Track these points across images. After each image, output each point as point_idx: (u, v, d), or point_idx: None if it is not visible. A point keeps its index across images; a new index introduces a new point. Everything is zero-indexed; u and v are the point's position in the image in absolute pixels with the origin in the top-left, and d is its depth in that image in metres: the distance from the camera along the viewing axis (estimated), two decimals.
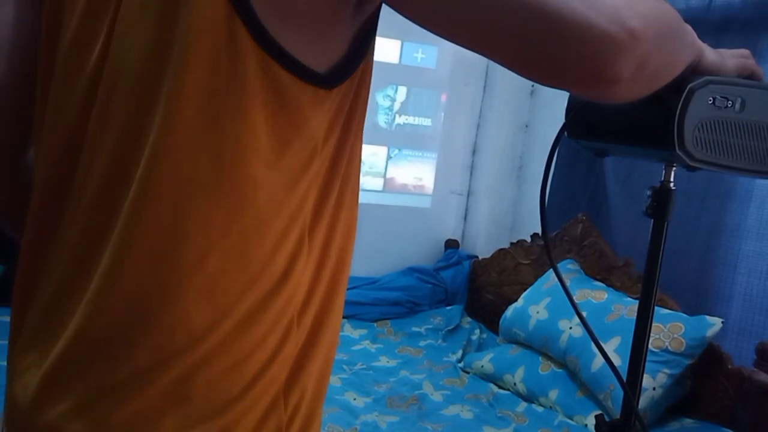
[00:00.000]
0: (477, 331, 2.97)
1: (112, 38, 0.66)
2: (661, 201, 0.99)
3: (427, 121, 3.43)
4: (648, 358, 1.09)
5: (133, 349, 0.63)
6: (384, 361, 2.65)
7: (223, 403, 0.65)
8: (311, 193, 0.67)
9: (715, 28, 2.35)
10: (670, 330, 2.15)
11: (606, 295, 2.42)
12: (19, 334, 0.74)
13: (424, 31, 0.65)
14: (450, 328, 2.97)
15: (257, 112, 0.61)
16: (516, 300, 2.71)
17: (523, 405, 2.38)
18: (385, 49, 3.19)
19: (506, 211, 3.39)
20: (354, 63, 0.66)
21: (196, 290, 0.62)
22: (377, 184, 3.34)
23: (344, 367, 2.53)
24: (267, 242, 0.64)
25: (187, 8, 0.60)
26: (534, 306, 2.58)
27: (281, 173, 0.63)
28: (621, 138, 0.97)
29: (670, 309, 2.26)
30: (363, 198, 1.02)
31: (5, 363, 0.82)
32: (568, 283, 1.02)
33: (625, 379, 1.05)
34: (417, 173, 3.44)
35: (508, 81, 3.29)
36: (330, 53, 0.63)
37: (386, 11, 0.66)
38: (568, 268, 2.65)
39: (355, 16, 0.64)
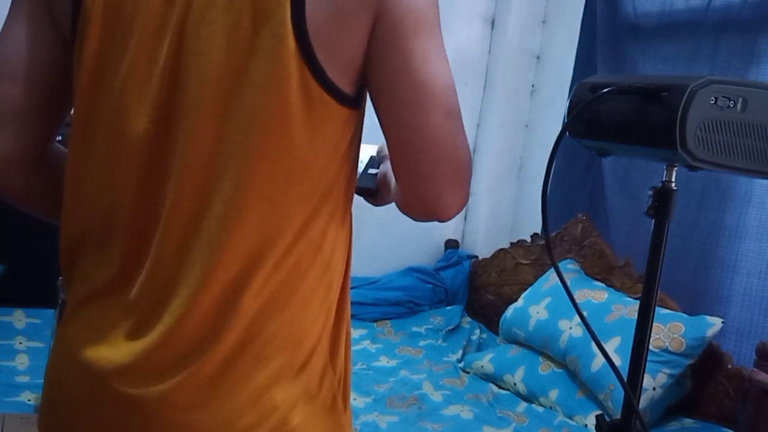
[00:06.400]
0: (477, 331, 2.97)
1: (179, 68, 0.80)
2: (662, 201, 0.99)
3: None
4: (648, 358, 1.09)
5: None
6: (384, 361, 2.65)
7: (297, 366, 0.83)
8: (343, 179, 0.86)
9: (714, 28, 2.35)
10: (670, 330, 2.15)
11: (606, 295, 2.42)
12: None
13: None
14: (450, 328, 2.96)
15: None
16: (516, 300, 2.71)
17: (523, 405, 2.38)
18: None
19: (506, 211, 3.38)
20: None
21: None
22: None
23: None
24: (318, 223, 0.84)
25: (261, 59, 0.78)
26: (534, 306, 2.58)
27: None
28: (623, 138, 0.97)
29: (670, 309, 2.26)
30: None
31: (4, 363, 0.83)
32: (568, 283, 1.02)
33: (625, 379, 1.05)
34: None
35: (508, 81, 3.30)
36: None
37: None
38: (568, 268, 2.65)
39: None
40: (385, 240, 3.19)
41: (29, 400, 1.96)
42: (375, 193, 1.01)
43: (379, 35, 0.79)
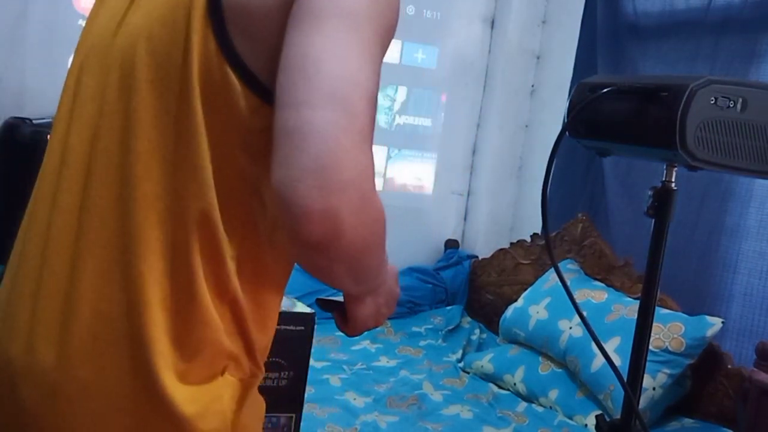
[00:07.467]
0: (477, 331, 2.97)
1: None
2: (662, 201, 0.99)
3: (427, 122, 3.43)
4: (648, 358, 1.09)
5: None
6: (384, 361, 2.65)
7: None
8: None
9: (714, 28, 2.35)
10: (670, 330, 2.15)
11: (606, 295, 2.42)
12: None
13: (425, 31, 0.68)
14: (450, 328, 2.96)
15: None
16: (516, 300, 2.71)
17: (523, 405, 2.38)
18: None
19: (506, 211, 3.38)
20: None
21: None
22: (377, 184, 3.33)
23: (344, 367, 2.52)
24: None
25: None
26: (534, 306, 2.58)
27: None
28: (623, 138, 0.98)
29: (670, 309, 2.26)
30: None
31: None
32: (568, 283, 1.02)
33: (625, 379, 1.05)
34: (417, 173, 3.44)
35: (508, 81, 3.30)
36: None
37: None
38: (568, 268, 2.65)
39: None
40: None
41: None
42: (341, 306, 0.90)
43: (290, 19, 0.72)
